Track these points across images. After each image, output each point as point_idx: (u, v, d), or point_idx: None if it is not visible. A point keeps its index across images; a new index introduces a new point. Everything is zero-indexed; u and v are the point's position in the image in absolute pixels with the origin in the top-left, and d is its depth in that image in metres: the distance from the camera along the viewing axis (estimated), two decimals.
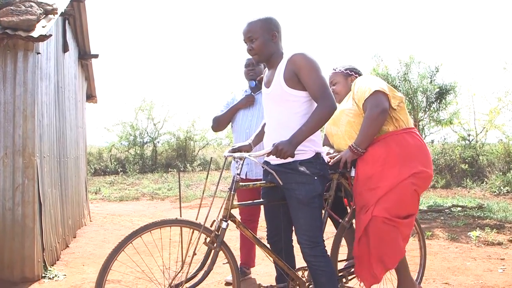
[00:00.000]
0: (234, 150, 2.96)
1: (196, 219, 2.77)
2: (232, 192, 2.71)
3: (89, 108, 9.22)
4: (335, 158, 3.11)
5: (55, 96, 5.34)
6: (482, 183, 11.46)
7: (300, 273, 3.01)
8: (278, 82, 2.74)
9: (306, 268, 2.99)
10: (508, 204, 8.66)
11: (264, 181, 2.95)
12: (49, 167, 4.98)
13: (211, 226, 2.72)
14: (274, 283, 3.11)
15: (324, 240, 2.82)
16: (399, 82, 9.69)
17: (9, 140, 4.31)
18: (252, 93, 4.14)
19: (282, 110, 2.77)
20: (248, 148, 3.04)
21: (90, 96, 8.65)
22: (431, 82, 9.64)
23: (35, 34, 4.02)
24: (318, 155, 2.78)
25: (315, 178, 2.73)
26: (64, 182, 5.85)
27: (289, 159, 2.70)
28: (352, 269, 3.23)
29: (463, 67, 29.46)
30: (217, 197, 10.10)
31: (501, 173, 11.50)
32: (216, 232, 2.68)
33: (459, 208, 8.09)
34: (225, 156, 2.91)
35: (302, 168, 2.70)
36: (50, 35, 4.05)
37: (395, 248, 2.96)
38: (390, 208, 2.90)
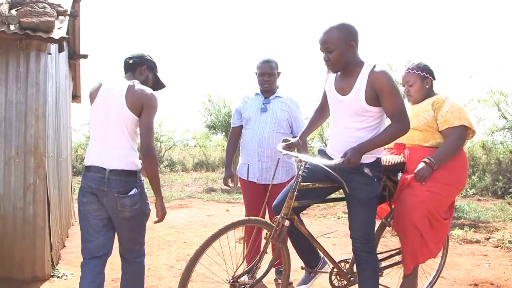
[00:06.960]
0: (288, 146, 3.11)
1: None
2: (295, 192, 2.87)
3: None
4: (417, 170, 3.15)
5: (56, 97, 5.35)
6: None
7: (342, 265, 3.23)
8: (358, 98, 2.83)
9: (348, 260, 3.23)
10: (477, 205, 9.18)
11: (317, 182, 3.05)
12: (52, 167, 4.99)
13: (273, 223, 2.90)
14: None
15: (374, 239, 3.05)
16: None
17: (21, 139, 4.32)
18: (265, 97, 4.19)
19: (355, 121, 2.89)
20: (297, 145, 3.13)
21: (75, 96, 8.59)
22: None
23: (55, 35, 4.05)
24: (378, 160, 2.99)
25: (375, 180, 2.94)
26: (60, 182, 5.85)
27: None
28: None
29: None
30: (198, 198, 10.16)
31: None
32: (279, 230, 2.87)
33: None
34: (281, 152, 3.05)
35: (366, 170, 2.89)
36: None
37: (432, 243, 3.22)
38: (433, 201, 3.14)
